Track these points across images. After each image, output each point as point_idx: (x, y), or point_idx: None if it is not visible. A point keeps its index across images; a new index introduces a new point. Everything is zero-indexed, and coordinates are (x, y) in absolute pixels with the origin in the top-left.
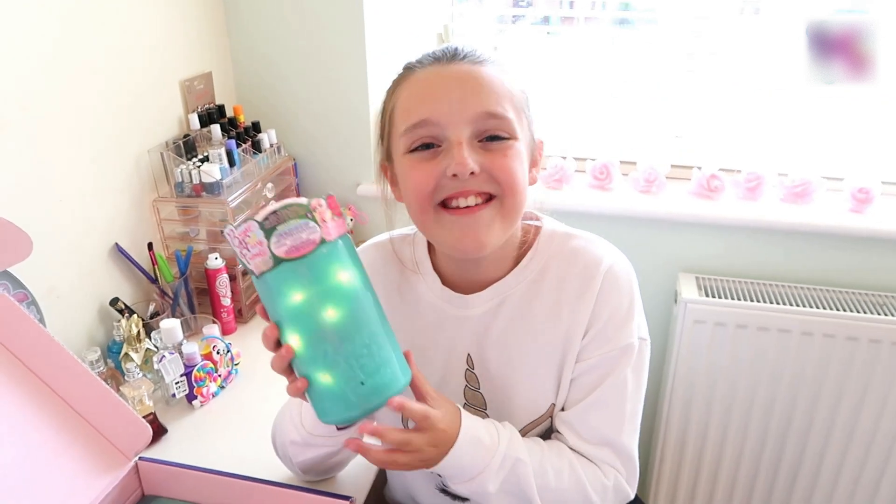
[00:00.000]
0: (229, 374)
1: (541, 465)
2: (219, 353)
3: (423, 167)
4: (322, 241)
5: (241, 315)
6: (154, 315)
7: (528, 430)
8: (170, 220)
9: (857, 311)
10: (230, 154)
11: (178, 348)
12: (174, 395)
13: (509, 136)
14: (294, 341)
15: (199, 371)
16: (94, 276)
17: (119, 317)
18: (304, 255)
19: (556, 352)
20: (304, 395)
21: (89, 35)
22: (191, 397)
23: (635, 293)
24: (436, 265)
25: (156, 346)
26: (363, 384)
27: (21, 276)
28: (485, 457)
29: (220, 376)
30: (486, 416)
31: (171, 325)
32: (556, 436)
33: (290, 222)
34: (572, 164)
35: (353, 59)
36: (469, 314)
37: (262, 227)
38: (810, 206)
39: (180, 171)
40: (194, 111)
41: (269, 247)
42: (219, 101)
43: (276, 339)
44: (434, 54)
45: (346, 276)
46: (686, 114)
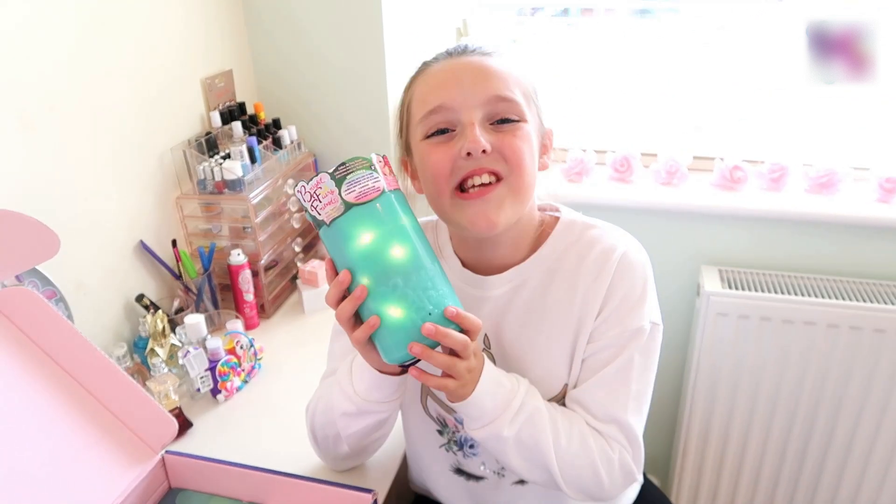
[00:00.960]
0: (253, 368)
1: (556, 422)
2: (242, 347)
3: (440, 150)
4: (384, 191)
5: (263, 310)
6: (178, 311)
7: None
8: (193, 217)
9: (885, 303)
10: (251, 151)
11: (202, 343)
12: (199, 390)
13: (518, 119)
14: (365, 281)
15: (223, 366)
16: (120, 272)
17: (144, 313)
18: (371, 200)
19: (570, 333)
20: (368, 344)
21: (112, 34)
22: (215, 392)
23: (649, 279)
24: (456, 250)
25: (180, 342)
26: (430, 314)
27: (49, 274)
28: (504, 398)
29: (243, 371)
30: None
31: (195, 321)
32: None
33: (357, 172)
34: (592, 157)
35: (372, 55)
36: (487, 295)
37: (332, 177)
38: (836, 197)
39: (202, 168)
40: (215, 109)
41: (339, 194)
42: (239, 99)
43: (345, 289)
44: (446, 51)
45: (406, 220)
46: (708, 105)
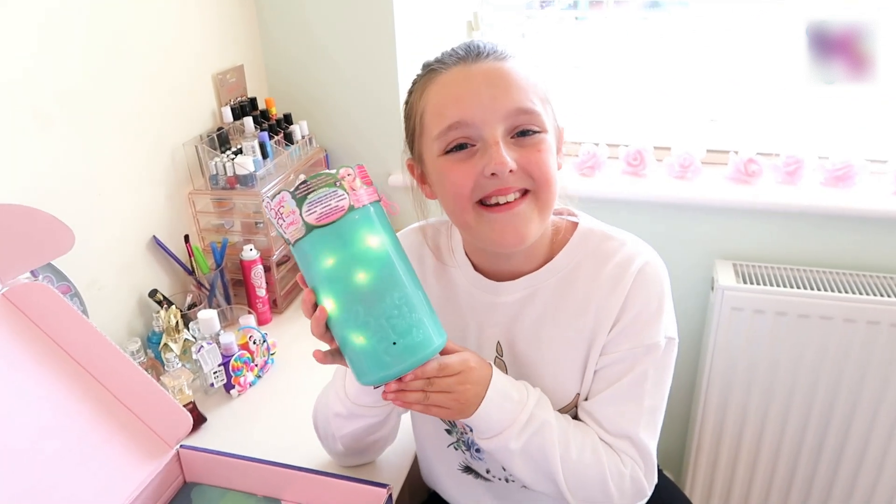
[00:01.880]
0: (265, 363)
1: (566, 434)
2: (255, 342)
3: (461, 168)
4: (351, 208)
5: (276, 306)
6: (191, 306)
7: None
8: (205, 213)
9: None
10: (263, 146)
11: (215, 339)
12: (212, 385)
13: (540, 130)
14: (329, 304)
15: (236, 361)
16: (134, 268)
17: (158, 308)
18: (333, 222)
19: (583, 344)
20: (342, 360)
21: (125, 30)
22: (228, 386)
23: (666, 293)
24: (468, 254)
25: (194, 337)
26: (395, 344)
27: (64, 269)
28: (512, 411)
29: (256, 366)
30: None
31: (208, 316)
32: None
33: (320, 191)
34: (605, 151)
35: (383, 50)
36: (500, 301)
37: (293, 196)
38: (852, 190)
39: (215, 163)
40: (227, 104)
41: (301, 215)
42: (251, 94)
43: (314, 304)
44: (457, 53)
45: (375, 241)
46: (721, 97)
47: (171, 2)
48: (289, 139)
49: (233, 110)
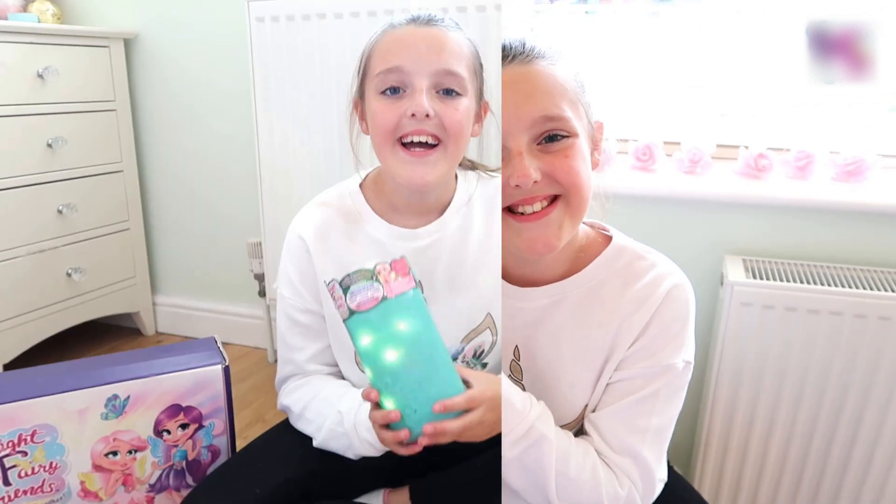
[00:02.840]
0: None
1: (566, 452)
2: None
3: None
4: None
5: None
6: None
7: None
8: None
9: None
10: None
11: None
12: None
13: (568, 134)
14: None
15: None
16: None
17: None
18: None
19: (601, 356)
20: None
21: None
22: None
23: (690, 318)
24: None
25: None
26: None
27: None
28: (511, 420)
29: None
30: None
31: None
32: (583, 437)
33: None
34: (614, 146)
35: None
36: (523, 306)
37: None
38: (864, 185)
39: None
40: None
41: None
42: None
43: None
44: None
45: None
46: (731, 92)
47: None
48: None
49: None
